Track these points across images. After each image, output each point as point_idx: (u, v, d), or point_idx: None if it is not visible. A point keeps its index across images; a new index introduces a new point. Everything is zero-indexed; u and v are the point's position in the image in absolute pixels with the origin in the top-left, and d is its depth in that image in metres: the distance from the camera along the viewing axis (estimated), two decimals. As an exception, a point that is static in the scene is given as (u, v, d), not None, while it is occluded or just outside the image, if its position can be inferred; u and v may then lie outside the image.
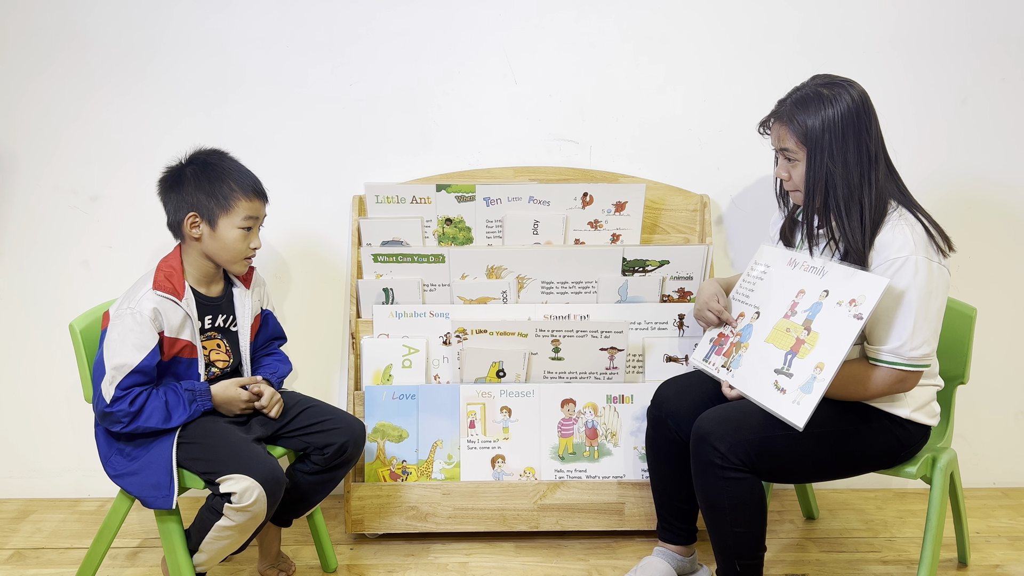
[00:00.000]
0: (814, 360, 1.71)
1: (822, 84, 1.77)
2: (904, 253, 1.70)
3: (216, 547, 1.79)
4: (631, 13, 2.38)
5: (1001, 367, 2.52)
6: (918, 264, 1.69)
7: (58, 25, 2.35)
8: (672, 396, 1.99)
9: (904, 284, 1.69)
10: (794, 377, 1.73)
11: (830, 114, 1.72)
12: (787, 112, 1.77)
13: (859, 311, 1.67)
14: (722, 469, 1.72)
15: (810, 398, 1.68)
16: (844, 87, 1.75)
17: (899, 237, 1.71)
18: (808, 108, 1.74)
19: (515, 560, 2.16)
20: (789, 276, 1.87)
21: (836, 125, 1.72)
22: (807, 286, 1.81)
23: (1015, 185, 2.45)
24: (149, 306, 1.80)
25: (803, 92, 1.78)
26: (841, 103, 1.73)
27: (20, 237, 2.43)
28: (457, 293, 2.32)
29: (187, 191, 1.86)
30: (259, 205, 1.91)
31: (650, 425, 2.02)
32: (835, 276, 1.75)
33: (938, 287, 1.72)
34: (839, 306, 1.71)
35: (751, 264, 2.01)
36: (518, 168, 2.41)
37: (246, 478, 1.72)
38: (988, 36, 2.38)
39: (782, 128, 1.79)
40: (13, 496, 2.52)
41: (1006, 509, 2.46)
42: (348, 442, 1.93)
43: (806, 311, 1.78)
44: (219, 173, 1.86)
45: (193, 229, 1.86)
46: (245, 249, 1.90)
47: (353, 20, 2.37)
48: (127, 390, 1.77)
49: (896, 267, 1.70)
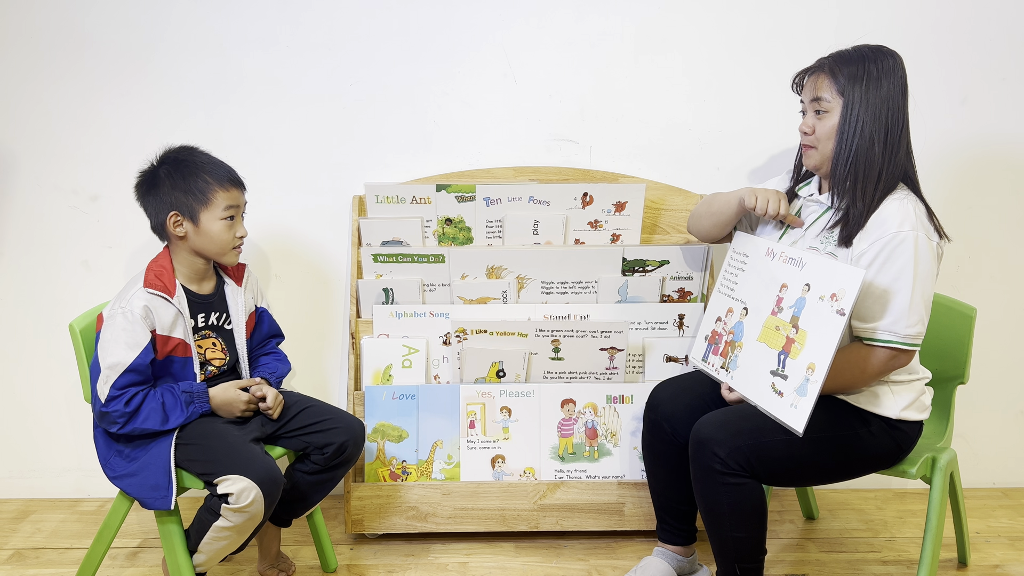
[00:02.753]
0: (805, 360, 1.69)
1: (864, 47, 1.78)
2: (906, 228, 1.68)
3: (214, 547, 1.79)
4: (631, 13, 2.37)
5: (1001, 367, 2.52)
6: (918, 240, 1.68)
7: (57, 25, 2.34)
8: (668, 399, 1.98)
9: (903, 260, 1.68)
10: (789, 379, 1.71)
11: (873, 71, 1.73)
12: (829, 65, 1.78)
13: (840, 306, 1.64)
14: (722, 474, 1.71)
15: (805, 401, 1.66)
16: (886, 53, 1.76)
17: (900, 212, 1.70)
18: (851, 63, 1.75)
19: (515, 560, 2.16)
20: (769, 268, 1.85)
21: (876, 83, 1.72)
22: (788, 279, 1.79)
23: (1015, 185, 2.45)
24: (140, 304, 1.80)
25: (845, 50, 1.79)
26: (885, 64, 1.73)
27: (20, 237, 2.43)
28: (457, 293, 2.32)
29: (164, 192, 1.86)
30: (237, 194, 1.91)
31: (646, 428, 2.02)
32: (814, 268, 1.73)
33: (934, 267, 1.72)
34: (821, 301, 1.69)
35: (729, 253, 2.00)
36: (518, 168, 2.41)
37: (243, 479, 1.72)
38: (988, 36, 2.38)
39: (820, 78, 1.78)
40: (13, 496, 2.52)
41: (1006, 509, 2.46)
42: (348, 442, 1.93)
43: (791, 307, 1.76)
44: (192, 168, 1.87)
45: (177, 228, 1.87)
46: (232, 239, 1.90)
47: (353, 20, 2.37)
48: (123, 390, 1.77)
49: (897, 242, 1.68)
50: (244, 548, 1.86)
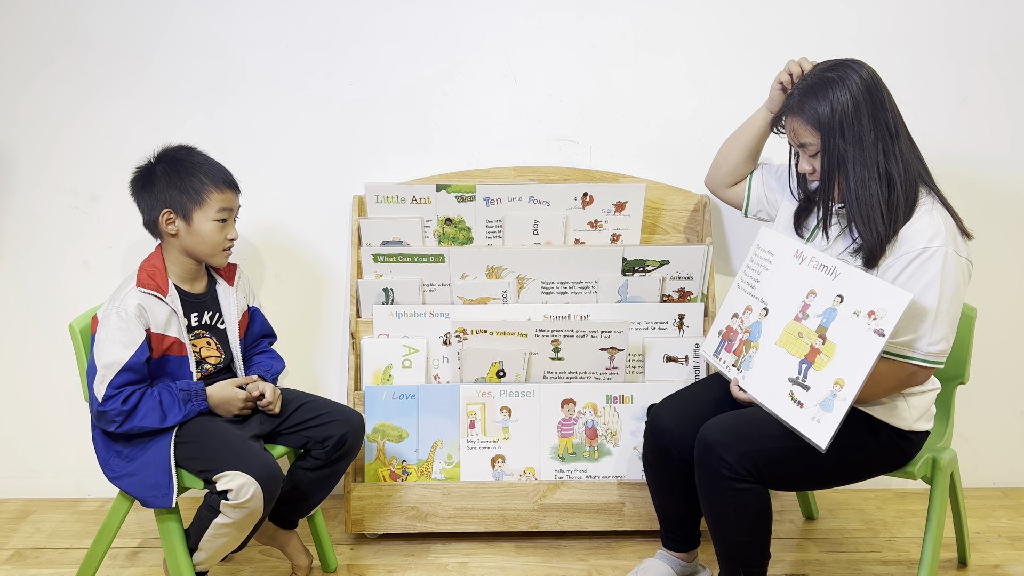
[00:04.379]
0: (832, 375, 1.62)
1: (826, 68, 1.72)
2: (935, 244, 1.63)
3: (215, 545, 1.79)
4: (631, 13, 2.37)
5: (1001, 367, 2.52)
6: (947, 257, 1.63)
7: (58, 25, 2.35)
8: (674, 424, 1.90)
9: (931, 276, 1.63)
10: (811, 391, 1.65)
11: (840, 96, 1.67)
12: (796, 104, 1.72)
13: (880, 326, 1.57)
14: (729, 480, 1.68)
15: (831, 417, 1.60)
16: (849, 67, 1.70)
17: (930, 226, 1.65)
18: (816, 95, 1.69)
19: (515, 560, 2.16)
20: (796, 271, 1.77)
21: (847, 106, 1.67)
22: (817, 287, 1.71)
23: (1016, 185, 2.45)
24: (133, 303, 1.81)
25: (808, 81, 1.73)
26: (850, 83, 1.67)
27: (20, 237, 2.43)
28: (457, 293, 2.32)
29: (159, 189, 1.87)
30: (232, 196, 1.92)
31: (649, 449, 1.96)
32: (849, 280, 1.66)
33: (962, 283, 1.67)
34: (856, 316, 1.61)
35: (754, 248, 1.91)
36: (518, 168, 2.41)
37: (242, 475, 1.72)
38: (988, 36, 2.38)
39: (795, 121, 1.73)
40: (13, 496, 2.52)
41: (1006, 509, 2.46)
42: (347, 433, 1.93)
43: (819, 316, 1.68)
44: (189, 168, 1.88)
45: (169, 226, 1.88)
46: (222, 241, 1.91)
47: (353, 20, 2.37)
48: (119, 389, 1.77)
49: (925, 257, 1.63)
50: (244, 546, 1.86)
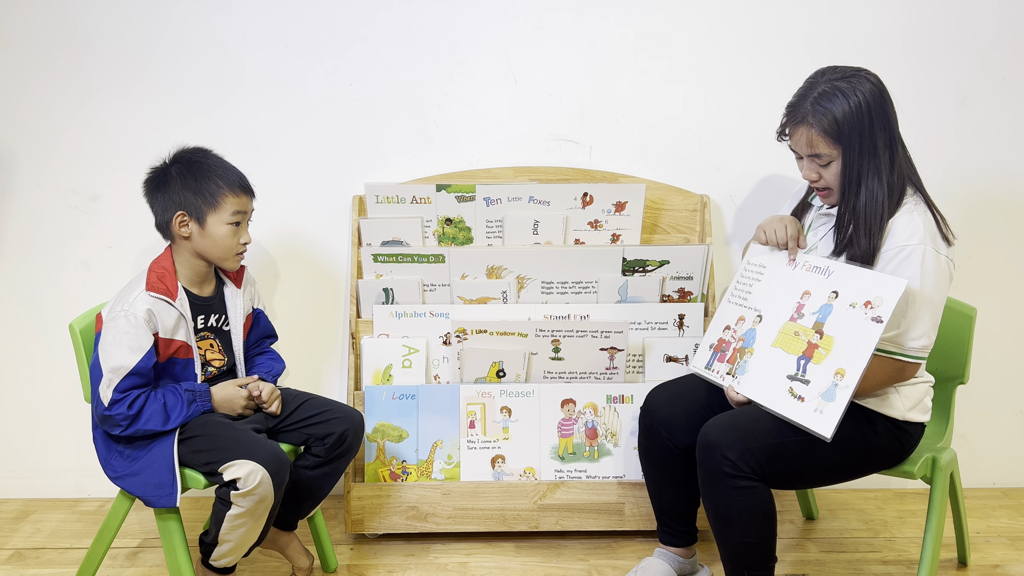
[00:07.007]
0: (832, 366, 1.66)
1: (837, 79, 1.72)
2: (913, 242, 1.68)
3: (234, 536, 1.79)
4: (631, 13, 2.38)
5: (1001, 367, 2.52)
6: (926, 254, 1.67)
7: (57, 25, 2.35)
8: (664, 404, 1.96)
9: (910, 273, 1.67)
10: (812, 384, 1.68)
11: (857, 109, 1.68)
12: (810, 114, 1.71)
13: (877, 314, 1.63)
14: (732, 478, 1.68)
15: (834, 406, 1.63)
16: (861, 77, 1.71)
17: (910, 225, 1.69)
18: (834, 106, 1.69)
19: (515, 560, 2.16)
20: (790, 277, 1.83)
21: (864, 117, 1.68)
22: (812, 287, 1.76)
23: (1015, 185, 2.45)
24: (143, 308, 1.80)
25: (820, 90, 1.71)
26: (865, 94, 1.69)
27: (20, 237, 2.43)
28: (457, 293, 2.32)
29: (174, 190, 1.86)
30: (246, 200, 1.91)
31: (642, 433, 2.00)
32: (843, 276, 1.71)
33: (943, 280, 1.71)
34: (853, 308, 1.67)
35: (743, 264, 1.96)
36: (518, 168, 2.41)
37: (248, 462, 1.73)
38: (988, 36, 2.38)
39: (809, 132, 1.72)
40: (13, 496, 2.52)
41: (1006, 509, 2.46)
42: (348, 430, 1.94)
43: (814, 313, 1.73)
44: (205, 171, 1.87)
45: (182, 228, 1.86)
46: (236, 245, 1.90)
47: (353, 20, 2.37)
48: (125, 392, 1.77)
49: (904, 255, 1.68)
50: (264, 539, 1.86)
